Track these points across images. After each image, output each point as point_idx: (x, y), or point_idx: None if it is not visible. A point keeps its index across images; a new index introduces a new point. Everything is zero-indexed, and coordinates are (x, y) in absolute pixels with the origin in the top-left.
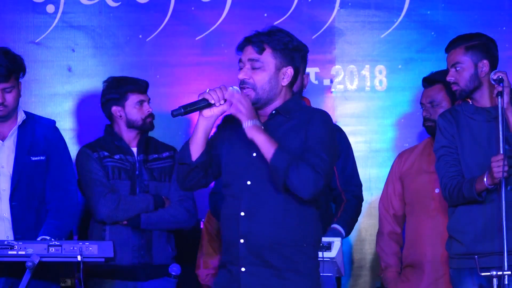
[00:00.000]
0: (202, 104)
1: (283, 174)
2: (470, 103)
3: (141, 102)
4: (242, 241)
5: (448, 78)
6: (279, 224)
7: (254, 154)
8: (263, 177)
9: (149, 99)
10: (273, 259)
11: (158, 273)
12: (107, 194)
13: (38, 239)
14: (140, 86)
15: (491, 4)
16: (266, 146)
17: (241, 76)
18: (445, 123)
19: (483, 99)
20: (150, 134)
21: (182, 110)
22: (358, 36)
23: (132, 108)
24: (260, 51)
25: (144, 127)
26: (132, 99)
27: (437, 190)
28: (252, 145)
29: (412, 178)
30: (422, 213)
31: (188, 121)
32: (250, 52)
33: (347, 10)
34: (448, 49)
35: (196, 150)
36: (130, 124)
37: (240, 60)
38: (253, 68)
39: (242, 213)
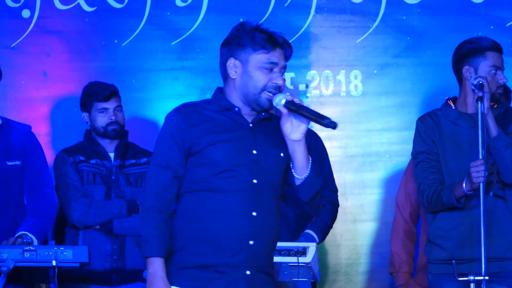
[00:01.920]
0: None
1: (317, 190)
2: (453, 107)
3: (104, 110)
4: (251, 242)
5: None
6: (277, 227)
7: (255, 152)
8: (265, 177)
9: (117, 105)
10: (266, 263)
11: (132, 278)
12: (79, 198)
13: (17, 235)
14: (101, 95)
15: (467, 9)
16: (306, 157)
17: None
18: (425, 127)
19: (467, 104)
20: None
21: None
22: (333, 41)
23: (95, 116)
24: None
25: (106, 135)
26: (96, 106)
27: None
28: (250, 142)
29: None
30: None
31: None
32: (284, 58)
33: (322, 15)
34: (500, 50)
35: None
36: (95, 131)
37: (274, 62)
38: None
39: (254, 213)
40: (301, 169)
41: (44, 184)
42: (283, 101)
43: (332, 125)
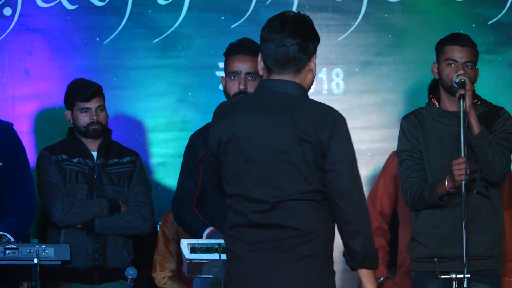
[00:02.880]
0: None
1: None
2: (437, 106)
3: (86, 109)
4: None
5: (463, 77)
6: None
7: None
8: None
9: (100, 105)
10: None
11: (114, 276)
12: (60, 197)
13: None
14: (83, 94)
15: (449, 7)
16: None
17: None
18: (409, 125)
19: (450, 102)
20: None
21: None
22: None
23: (77, 115)
24: None
25: (87, 135)
26: (78, 106)
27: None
28: None
29: None
30: None
31: (145, 124)
32: None
33: (304, 13)
34: (463, 43)
35: None
36: (77, 130)
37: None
38: None
39: None
40: None
41: (25, 184)
42: None
43: None
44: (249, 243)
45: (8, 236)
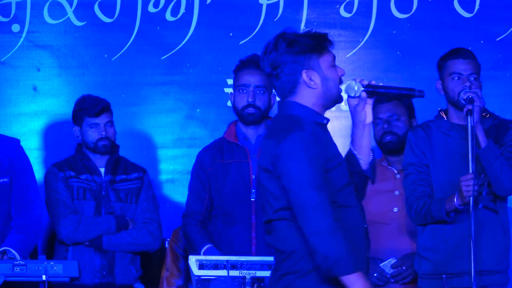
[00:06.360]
0: None
1: None
2: (445, 119)
3: (94, 125)
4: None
5: (470, 94)
6: None
7: None
8: None
9: (108, 121)
10: None
11: None
12: (68, 215)
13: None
14: (92, 110)
15: (457, 23)
16: None
17: None
18: (416, 139)
19: (458, 116)
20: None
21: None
22: None
23: (86, 131)
24: None
25: (96, 150)
26: (87, 121)
27: (395, 210)
28: None
29: (367, 199)
30: (381, 233)
31: (153, 141)
32: None
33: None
34: (466, 56)
35: None
36: (85, 146)
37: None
38: None
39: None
40: (367, 152)
41: (31, 201)
42: (361, 87)
43: (421, 94)
44: None
45: (13, 251)
